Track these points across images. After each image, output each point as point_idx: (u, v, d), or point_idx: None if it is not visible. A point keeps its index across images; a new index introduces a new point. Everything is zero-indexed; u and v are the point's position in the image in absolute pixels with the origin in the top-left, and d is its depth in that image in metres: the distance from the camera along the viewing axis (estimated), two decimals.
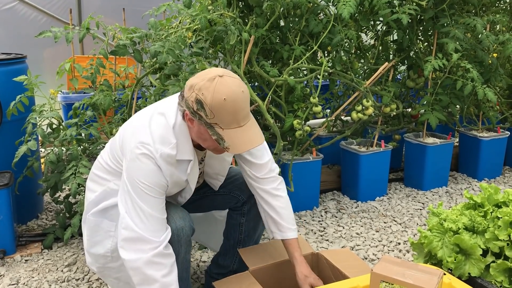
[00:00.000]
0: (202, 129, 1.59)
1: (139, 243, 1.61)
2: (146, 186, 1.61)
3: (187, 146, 1.68)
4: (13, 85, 2.67)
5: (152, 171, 1.62)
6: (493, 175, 3.83)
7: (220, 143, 1.55)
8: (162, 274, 1.61)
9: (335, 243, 2.76)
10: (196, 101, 1.53)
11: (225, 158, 1.90)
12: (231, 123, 1.53)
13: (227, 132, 1.54)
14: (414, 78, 3.60)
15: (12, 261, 2.54)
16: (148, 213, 1.61)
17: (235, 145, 1.55)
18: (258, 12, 2.83)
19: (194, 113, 1.56)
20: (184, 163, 1.70)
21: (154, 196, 1.63)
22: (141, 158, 1.61)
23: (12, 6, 4.77)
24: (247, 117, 1.58)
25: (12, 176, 2.62)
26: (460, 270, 1.89)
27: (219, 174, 1.97)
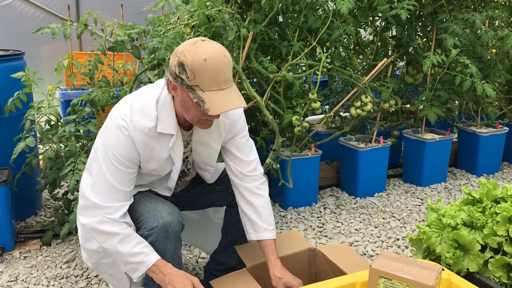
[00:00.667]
0: (184, 95, 1.60)
1: (95, 209, 1.66)
2: (115, 158, 1.65)
3: (170, 119, 1.68)
4: (11, 82, 2.67)
5: (124, 144, 1.64)
6: (492, 171, 3.84)
7: (201, 105, 1.55)
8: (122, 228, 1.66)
9: (334, 239, 2.76)
10: (178, 64, 1.55)
11: (212, 145, 1.86)
12: (212, 85, 1.54)
13: (208, 94, 1.54)
14: (413, 74, 3.60)
15: (11, 258, 2.54)
16: (111, 184, 1.65)
17: (214, 106, 1.54)
18: (257, 8, 2.82)
19: (176, 78, 1.58)
20: (166, 138, 1.70)
21: (121, 168, 1.66)
22: (116, 130, 1.65)
23: (9, 2, 4.75)
24: (229, 82, 1.58)
25: (11, 173, 2.62)
26: (458, 266, 1.90)
27: (207, 164, 1.93)
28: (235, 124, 1.87)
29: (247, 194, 1.90)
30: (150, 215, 1.70)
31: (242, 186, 1.91)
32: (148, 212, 1.71)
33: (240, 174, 1.90)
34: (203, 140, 1.83)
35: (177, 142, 1.74)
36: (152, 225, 1.67)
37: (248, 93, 2.76)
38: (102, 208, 1.66)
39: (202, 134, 1.81)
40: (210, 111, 1.55)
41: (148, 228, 1.68)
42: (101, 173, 1.67)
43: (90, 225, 1.67)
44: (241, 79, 2.76)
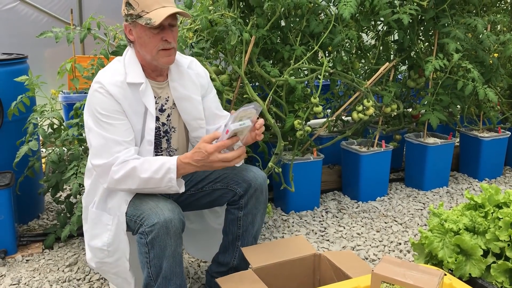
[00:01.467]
0: (138, 30, 1.79)
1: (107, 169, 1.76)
2: (103, 115, 1.77)
3: (136, 71, 1.84)
4: (14, 85, 2.68)
5: (105, 101, 1.77)
6: (494, 175, 3.83)
7: (149, 23, 1.73)
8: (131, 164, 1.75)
9: (335, 243, 2.76)
10: (125, 5, 1.78)
11: (193, 97, 1.97)
12: (153, 5, 1.75)
13: (152, 12, 1.74)
14: (415, 78, 3.60)
15: (13, 261, 2.54)
16: (110, 139, 1.76)
17: (159, 15, 1.73)
18: (259, 13, 2.83)
19: (127, 17, 1.80)
20: (136, 87, 1.83)
21: (112, 122, 1.77)
22: (94, 93, 1.80)
23: (13, 6, 4.78)
24: (170, 3, 1.79)
25: (13, 176, 2.63)
26: (460, 271, 1.90)
27: (198, 119, 2.00)
28: (203, 75, 2.04)
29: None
30: (152, 212, 1.73)
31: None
32: (150, 209, 1.74)
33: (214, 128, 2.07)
34: (183, 94, 1.95)
35: (147, 89, 1.86)
36: (153, 222, 1.69)
37: (250, 97, 2.76)
38: (111, 163, 1.75)
39: (179, 90, 1.94)
40: (156, 22, 1.72)
41: (149, 224, 1.70)
42: (98, 136, 1.77)
43: (112, 182, 1.76)
44: (243, 83, 2.77)
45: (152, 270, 1.74)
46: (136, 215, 1.78)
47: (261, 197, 2.03)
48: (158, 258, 1.72)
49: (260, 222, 2.08)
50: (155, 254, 1.71)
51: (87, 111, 1.82)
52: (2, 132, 2.72)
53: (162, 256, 1.72)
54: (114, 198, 1.87)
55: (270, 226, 2.97)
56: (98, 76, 1.82)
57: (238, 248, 2.05)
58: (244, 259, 1.99)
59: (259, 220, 2.06)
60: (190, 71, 1.99)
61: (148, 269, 1.75)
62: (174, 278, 1.77)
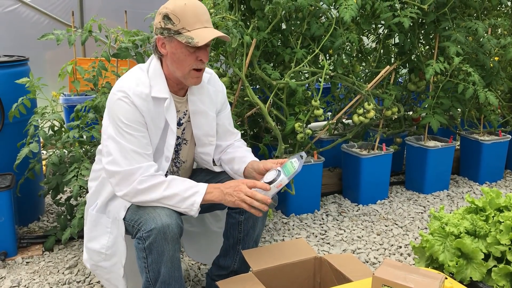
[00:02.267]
0: (173, 46, 1.74)
1: (128, 176, 1.72)
2: (126, 125, 1.73)
3: (161, 84, 1.81)
4: (15, 87, 2.68)
5: (128, 111, 1.74)
6: (495, 179, 3.83)
7: (190, 42, 1.69)
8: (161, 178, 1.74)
9: (336, 246, 2.76)
10: (162, 17, 1.73)
11: (209, 113, 1.96)
12: (195, 24, 1.71)
13: (194, 31, 1.71)
14: (415, 82, 3.61)
15: (13, 263, 2.54)
16: (131, 150, 1.73)
17: (203, 37, 1.70)
18: (260, 15, 2.83)
19: (163, 31, 1.74)
20: (160, 102, 1.80)
21: (134, 133, 1.74)
22: (118, 102, 1.75)
23: (14, 8, 4.78)
24: (210, 23, 1.77)
25: (14, 178, 2.63)
26: (461, 275, 1.89)
27: (209, 135, 1.99)
28: (220, 92, 2.03)
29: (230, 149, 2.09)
30: (149, 217, 1.71)
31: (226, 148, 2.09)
32: (147, 214, 1.73)
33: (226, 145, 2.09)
34: (200, 109, 1.93)
35: (171, 105, 1.84)
36: (151, 227, 1.68)
37: (251, 99, 2.76)
38: (132, 172, 1.72)
39: (197, 104, 1.92)
40: (199, 42, 1.69)
41: (146, 229, 1.69)
42: (118, 146, 1.73)
43: (132, 192, 1.72)
44: (244, 85, 2.77)
45: (150, 275, 1.74)
46: (134, 220, 1.77)
47: None
48: (156, 263, 1.72)
49: (261, 226, 2.08)
50: (153, 259, 1.71)
51: (108, 118, 1.78)
52: (3, 134, 2.72)
53: (160, 261, 1.71)
54: (114, 202, 1.87)
55: (270, 229, 2.96)
56: (122, 85, 1.77)
57: (239, 252, 2.04)
58: (245, 262, 1.98)
59: (260, 224, 2.06)
60: (210, 86, 1.97)
61: (146, 274, 1.75)
62: (173, 282, 1.77)
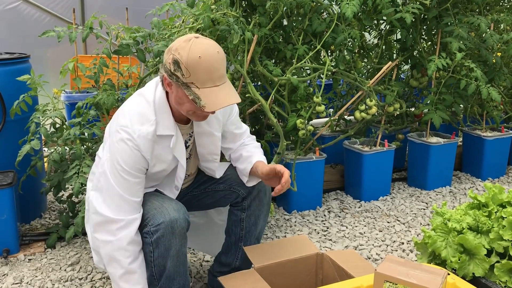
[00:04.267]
0: (180, 92, 1.63)
1: (109, 223, 1.69)
2: (123, 169, 1.67)
3: (167, 121, 1.72)
4: (16, 85, 2.68)
5: (130, 156, 1.68)
6: (497, 175, 3.82)
7: (197, 102, 1.58)
8: (128, 262, 1.69)
9: (338, 242, 2.75)
10: (173, 62, 1.58)
11: (214, 133, 1.90)
12: (207, 82, 1.58)
13: (203, 91, 1.58)
14: (417, 78, 3.59)
15: (16, 260, 2.54)
16: (120, 196, 1.68)
17: (211, 102, 1.58)
18: (261, 11, 2.82)
19: (171, 75, 1.61)
20: (166, 139, 1.74)
21: (129, 179, 1.69)
22: (120, 143, 1.68)
23: (15, 5, 4.78)
24: (223, 79, 1.62)
25: (16, 176, 2.63)
26: (464, 270, 1.89)
27: (213, 154, 1.96)
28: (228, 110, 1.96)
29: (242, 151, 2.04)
30: (157, 212, 1.72)
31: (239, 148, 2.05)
32: (155, 209, 1.73)
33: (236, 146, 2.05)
34: (205, 131, 1.88)
35: (178, 141, 1.78)
36: (159, 221, 1.69)
37: (253, 96, 2.76)
38: (115, 221, 1.68)
39: (203, 126, 1.85)
40: (206, 108, 1.58)
41: (154, 224, 1.70)
42: (110, 187, 1.70)
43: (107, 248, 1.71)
44: (245, 82, 2.77)
45: (155, 269, 1.74)
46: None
47: (264, 199, 2.02)
48: (162, 258, 1.72)
49: (263, 223, 2.07)
50: (159, 253, 1.71)
51: (108, 154, 1.73)
52: (4, 131, 2.72)
53: (167, 256, 1.71)
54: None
55: (272, 225, 2.96)
56: (126, 124, 1.69)
57: (241, 249, 2.04)
58: (247, 260, 1.99)
59: (262, 221, 2.06)
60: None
61: (151, 268, 1.75)
62: (178, 277, 1.77)
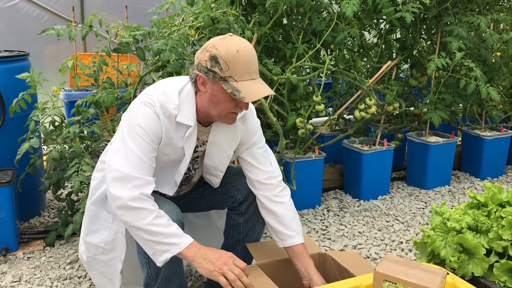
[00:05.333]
0: (216, 88, 1.64)
1: (128, 180, 1.63)
2: (142, 131, 1.67)
3: (189, 111, 1.73)
4: (15, 83, 2.67)
5: (151, 118, 1.68)
6: (496, 174, 3.83)
7: (236, 95, 1.60)
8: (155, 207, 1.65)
9: (337, 241, 2.75)
10: (210, 58, 1.61)
11: (226, 149, 1.87)
12: (244, 75, 1.61)
13: (241, 83, 1.61)
14: (417, 77, 3.59)
15: (15, 258, 2.54)
16: (139, 157, 1.66)
17: (250, 93, 1.60)
18: (261, 10, 2.82)
19: (208, 72, 1.63)
20: (183, 128, 1.74)
21: (147, 141, 1.68)
22: (142, 106, 1.69)
23: (15, 3, 4.77)
24: (257, 73, 1.66)
25: (15, 174, 2.62)
26: (463, 270, 1.89)
27: (218, 169, 1.94)
28: (251, 133, 1.90)
29: (266, 202, 1.90)
30: None
31: (260, 195, 1.91)
32: None
33: (257, 183, 1.91)
34: (219, 142, 1.85)
35: (193, 134, 1.77)
36: None
37: None
38: (135, 178, 1.64)
39: (218, 136, 1.84)
40: (246, 99, 1.60)
41: None
42: (128, 148, 1.67)
43: (123, 201, 1.62)
44: None
45: (151, 270, 1.74)
46: None
47: None
48: None
49: (261, 227, 2.07)
50: None
51: (127, 118, 1.73)
52: (4, 129, 2.72)
53: None
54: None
55: None
56: (152, 93, 1.71)
57: (239, 253, 2.05)
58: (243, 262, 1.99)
59: (259, 226, 2.05)
60: (239, 124, 1.84)
61: (147, 270, 1.74)
62: (174, 278, 1.77)
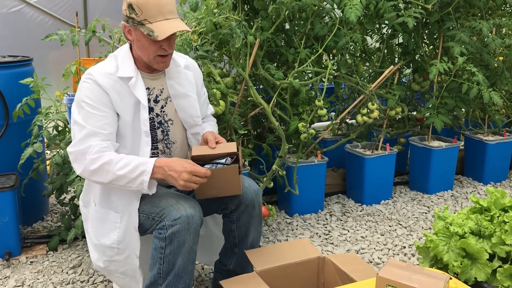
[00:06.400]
0: (138, 34, 1.80)
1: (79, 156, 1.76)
2: (86, 103, 1.78)
3: (128, 65, 1.86)
4: (19, 88, 2.69)
5: (91, 90, 1.79)
6: (499, 179, 3.82)
7: (151, 35, 1.75)
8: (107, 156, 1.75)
9: (340, 246, 2.75)
10: (127, 7, 1.78)
11: (190, 94, 2.00)
12: (157, 16, 1.76)
13: (155, 24, 1.76)
14: (419, 81, 3.60)
15: (18, 263, 2.54)
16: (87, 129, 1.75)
17: (162, 31, 1.75)
18: (264, 15, 2.83)
19: (128, 19, 1.80)
20: (127, 81, 1.84)
21: (93, 112, 1.77)
22: (82, 84, 1.82)
23: (19, 9, 4.80)
24: (173, 14, 1.80)
25: (18, 178, 2.63)
26: (466, 275, 1.89)
27: (194, 116, 2.02)
28: (199, 76, 2.11)
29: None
30: (173, 208, 1.75)
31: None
32: (171, 206, 1.77)
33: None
34: (180, 92, 1.98)
35: (138, 82, 1.86)
36: (176, 216, 1.72)
37: (255, 99, 2.76)
38: (84, 151, 1.74)
39: (176, 87, 1.97)
40: (159, 37, 1.74)
41: (172, 218, 1.72)
42: (77, 127, 1.77)
43: (86, 172, 1.75)
44: (247, 85, 2.77)
45: (164, 266, 1.75)
46: (155, 212, 1.79)
47: (254, 212, 2.01)
48: (173, 254, 1.73)
49: (255, 233, 2.07)
50: (171, 249, 1.73)
51: (74, 103, 1.83)
52: (7, 134, 2.73)
53: (178, 252, 1.73)
54: (121, 195, 1.86)
55: (274, 229, 2.96)
56: (89, 69, 1.85)
57: (235, 255, 2.07)
58: (240, 265, 2.03)
59: (253, 231, 2.05)
60: (188, 72, 2.03)
61: (160, 265, 1.75)
62: (185, 276, 1.78)
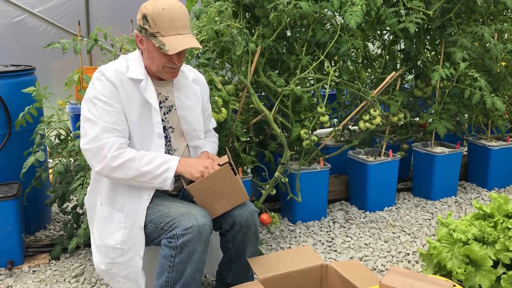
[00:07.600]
0: (149, 45, 1.82)
1: (96, 153, 1.77)
2: (97, 99, 1.80)
3: (138, 68, 1.88)
4: (22, 96, 2.70)
5: (103, 86, 1.81)
6: (503, 185, 3.80)
7: (162, 48, 1.77)
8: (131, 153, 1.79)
9: (343, 253, 2.74)
10: (142, 17, 1.80)
11: (195, 108, 2.01)
12: (170, 30, 1.78)
13: (167, 38, 1.78)
14: (421, 87, 3.59)
15: (20, 272, 2.54)
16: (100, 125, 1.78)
17: (174, 46, 1.77)
18: (265, 23, 2.84)
19: (141, 30, 1.82)
20: (136, 83, 1.86)
21: (105, 107, 1.79)
22: (94, 81, 1.83)
23: (21, 18, 4.83)
24: (186, 29, 1.82)
25: (21, 187, 2.64)
26: (470, 282, 1.87)
27: (197, 130, 2.03)
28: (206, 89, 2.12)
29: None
30: (184, 218, 1.76)
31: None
32: (182, 216, 1.77)
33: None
34: (186, 104, 1.99)
35: (148, 85, 1.88)
36: (188, 225, 1.73)
37: (257, 106, 2.76)
38: (101, 147, 1.76)
39: (183, 100, 1.98)
40: (169, 51, 1.76)
41: (183, 228, 1.73)
42: (90, 123, 1.79)
43: (107, 169, 1.77)
44: (249, 93, 2.77)
45: (173, 275, 1.75)
46: (164, 222, 1.79)
47: (249, 231, 1.99)
48: (182, 263, 1.73)
49: (252, 250, 2.06)
50: (181, 258, 1.73)
51: (84, 101, 1.84)
52: (10, 142, 2.74)
53: (188, 261, 1.73)
54: (128, 195, 1.86)
55: (277, 236, 2.95)
56: (100, 67, 1.86)
57: (233, 269, 2.06)
58: (237, 280, 2.02)
59: (250, 249, 2.05)
60: (195, 86, 2.05)
61: (168, 274, 1.75)
62: (192, 285, 1.78)
